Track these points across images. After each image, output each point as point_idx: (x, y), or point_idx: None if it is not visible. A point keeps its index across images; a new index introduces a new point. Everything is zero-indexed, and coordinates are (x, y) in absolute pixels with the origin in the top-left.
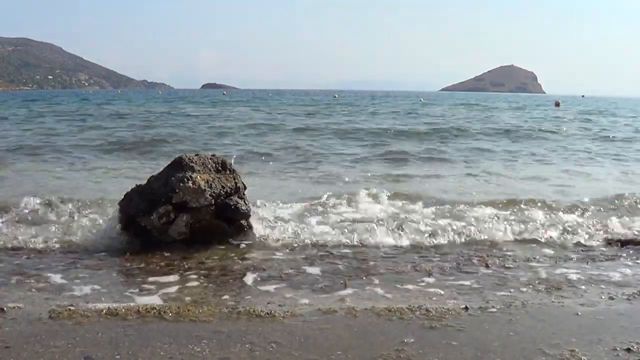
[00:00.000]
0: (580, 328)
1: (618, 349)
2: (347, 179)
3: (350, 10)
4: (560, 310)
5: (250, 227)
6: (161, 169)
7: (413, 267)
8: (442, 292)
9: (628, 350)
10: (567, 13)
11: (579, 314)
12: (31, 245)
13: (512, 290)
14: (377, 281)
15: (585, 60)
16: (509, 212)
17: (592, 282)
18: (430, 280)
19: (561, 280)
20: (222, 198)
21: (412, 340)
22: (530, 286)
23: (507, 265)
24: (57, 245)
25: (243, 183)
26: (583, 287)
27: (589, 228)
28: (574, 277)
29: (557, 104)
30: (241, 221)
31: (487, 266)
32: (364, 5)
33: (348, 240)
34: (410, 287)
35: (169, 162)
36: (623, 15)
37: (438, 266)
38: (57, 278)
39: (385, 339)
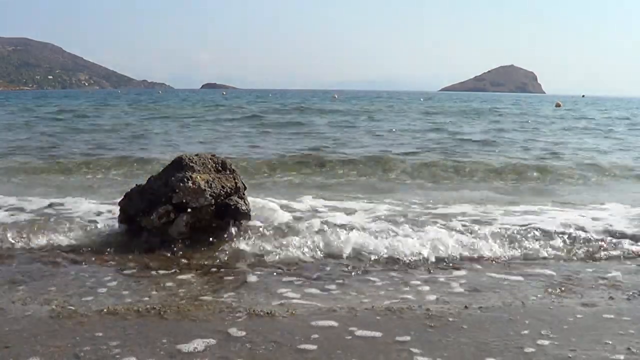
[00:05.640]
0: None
1: (618, 348)
2: None
3: (350, 10)
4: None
5: (250, 227)
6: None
7: None
8: None
9: (628, 349)
10: (567, 13)
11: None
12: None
13: None
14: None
15: (585, 60)
16: None
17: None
18: None
19: None
20: (222, 198)
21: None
22: None
23: None
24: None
25: (243, 183)
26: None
27: None
28: None
29: (558, 105)
30: (241, 221)
31: None
32: (365, 5)
33: None
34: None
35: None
36: (624, 14)
37: None
38: (56, 277)
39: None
